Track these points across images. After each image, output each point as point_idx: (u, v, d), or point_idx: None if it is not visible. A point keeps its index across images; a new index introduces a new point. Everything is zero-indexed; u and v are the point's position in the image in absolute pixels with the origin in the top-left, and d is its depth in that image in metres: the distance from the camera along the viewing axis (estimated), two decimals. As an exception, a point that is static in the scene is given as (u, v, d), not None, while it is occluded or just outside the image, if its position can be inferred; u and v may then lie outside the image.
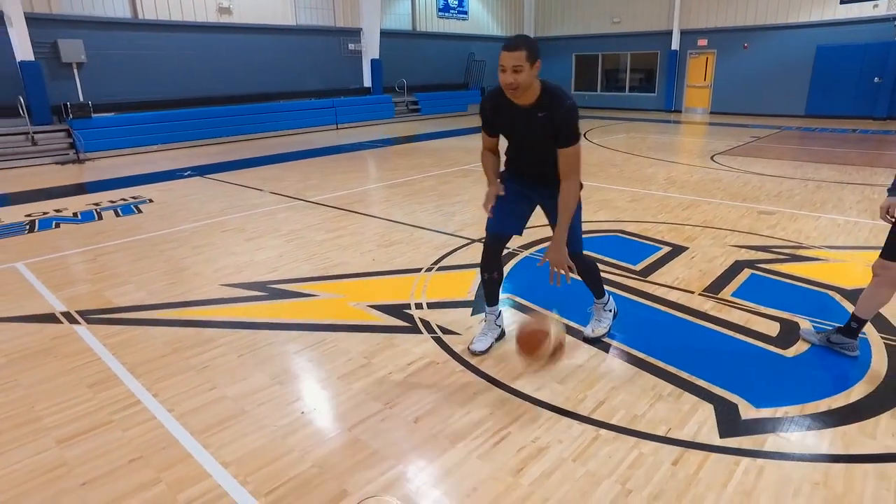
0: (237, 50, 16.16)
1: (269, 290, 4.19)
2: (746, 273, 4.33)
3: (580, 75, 22.72)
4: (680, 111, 20.07)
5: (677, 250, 4.83)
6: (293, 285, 4.27)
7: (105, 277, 4.58)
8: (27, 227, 6.40)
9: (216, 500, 2.09)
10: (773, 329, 3.41)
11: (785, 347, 3.20)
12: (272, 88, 16.78)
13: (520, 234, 3.11)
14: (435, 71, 21.03)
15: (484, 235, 3.09)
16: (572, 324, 3.48)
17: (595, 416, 2.55)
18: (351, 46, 18.43)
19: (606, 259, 4.62)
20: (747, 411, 2.60)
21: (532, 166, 2.87)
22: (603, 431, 2.44)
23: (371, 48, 18.37)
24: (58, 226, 6.42)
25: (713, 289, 4.02)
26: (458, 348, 3.19)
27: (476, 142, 3.15)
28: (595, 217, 5.98)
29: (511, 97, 2.59)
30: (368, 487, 2.14)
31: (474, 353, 3.08)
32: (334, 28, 18.17)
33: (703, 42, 19.10)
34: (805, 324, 3.46)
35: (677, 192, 7.11)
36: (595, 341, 3.25)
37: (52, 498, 2.14)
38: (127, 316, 3.82)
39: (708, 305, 3.75)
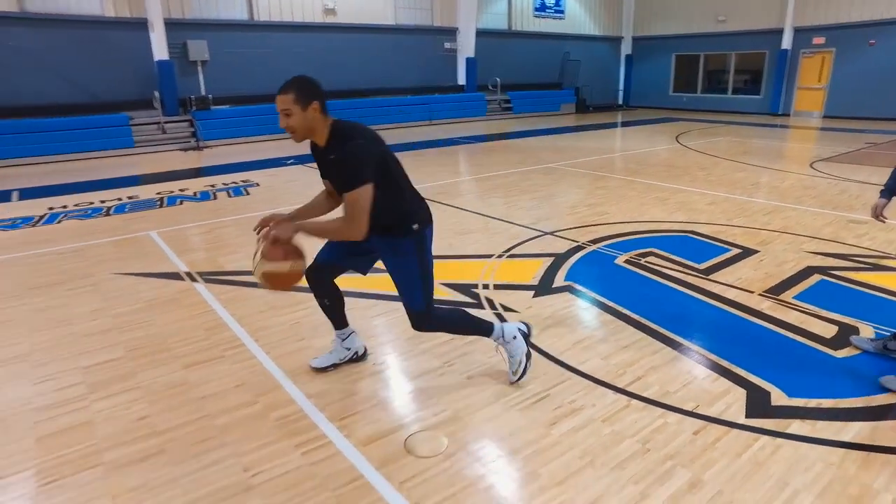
0: (340, 48, 17.17)
1: (355, 266, 4.73)
2: (816, 278, 4.34)
3: (679, 76, 22.06)
4: (788, 115, 19.00)
5: (747, 253, 4.89)
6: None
7: (218, 247, 5.34)
8: (158, 202, 7.44)
9: (300, 419, 2.60)
10: (828, 331, 3.48)
11: (836, 349, 3.27)
12: (371, 85, 17.66)
13: (356, 269, 2.89)
14: (528, 70, 21.16)
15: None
16: (654, 325, 3.71)
17: (629, 389, 2.82)
18: (447, 45, 19.00)
19: (671, 256, 4.77)
20: (779, 399, 2.76)
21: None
22: (634, 402, 2.71)
23: (466, 47, 18.83)
24: (181, 203, 7.39)
25: (775, 290, 4.09)
26: (514, 324, 3.54)
27: (565, 141, 3.47)
28: (670, 217, 6.07)
29: (295, 141, 2.48)
30: (422, 424, 2.56)
31: (312, 368, 3.02)
32: (432, 27, 18.81)
33: (819, 40, 17.95)
34: (867, 330, 3.48)
35: (762, 198, 7.00)
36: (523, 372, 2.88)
37: (178, 405, 2.74)
38: (234, 278, 4.49)
39: (765, 305, 3.85)
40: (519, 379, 2.85)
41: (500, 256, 4.86)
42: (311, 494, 2.14)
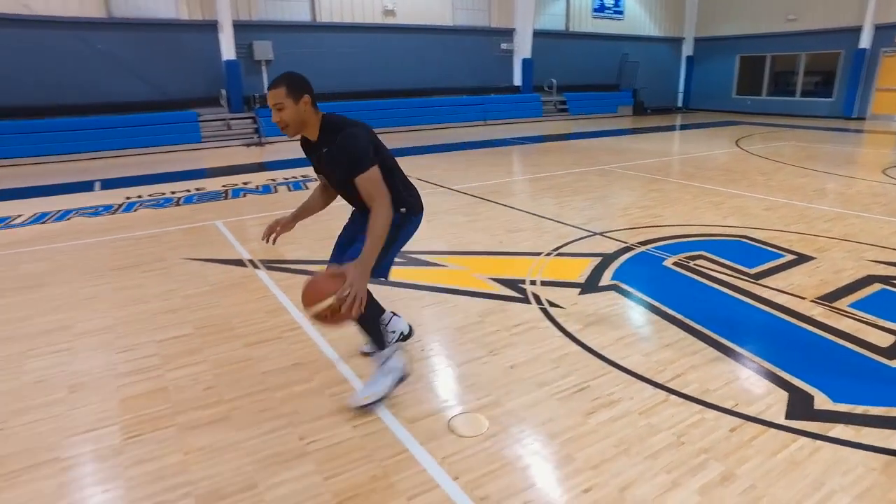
0: (398, 49, 17.52)
1: (407, 258, 4.91)
2: (876, 287, 4.23)
3: (743, 78, 21.38)
4: (863, 118, 18.11)
5: (801, 259, 4.79)
6: (427, 256, 4.96)
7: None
8: (223, 194, 7.89)
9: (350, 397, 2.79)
10: (884, 341, 3.41)
11: (891, 358, 3.21)
12: (427, 85, 17.93)
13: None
14: (586, 71, 20.98)
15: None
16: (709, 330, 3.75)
17: (669, 385, 2.87)
18: (503, 46, 19.07)
19: (721, 260, 4.74)
20: (823, 403, 2.76)
21: (352, 203, 2.75)
22: (672, 397, 2.77)
23: (523, 48, 18.86)
24: (244, 195, 7.81)
25: (829, 298, 4.02)
26: (560, 319, 3.63)
27: (621, 143, 3.54)
28: (723, 221, 5.99)
29: (288, 136, 2.52)
30: (465, 406, 2.70)
31: (362, 353, 3.16)
32: (488, 28, 18.93)
33: (904, 37, 17.00)
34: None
35: (824, 204, 6.79)
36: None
37: (241, 378, 2.99)
38: (294, 266, 4.77)
39: (817, 311, 3.79)
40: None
41: (548, 254, 4.95)
42: (360, 463, 2.32)
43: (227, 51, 14.71)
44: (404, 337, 3.24)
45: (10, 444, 2.53)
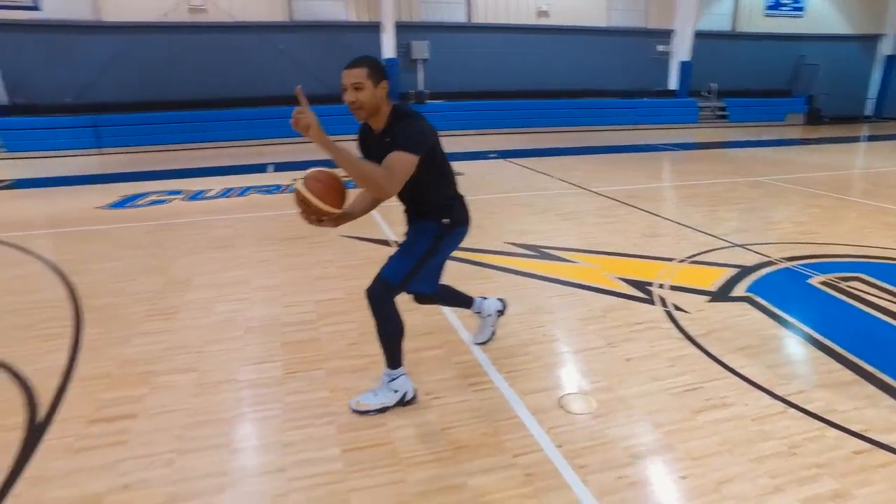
0: (550, 49, 17.60)
1: (540, 252, 5.14)
2: None
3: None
4: None
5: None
6: (560, 252, 5.14)
7: (423, 224, 6.13)
8: (376, 182, 8.63)
9: (474, 366, 3.12)
10: None
11: None
12: (577, 86, 17.81)
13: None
14: (751, 75, 19.48)
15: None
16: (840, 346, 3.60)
17: (790, 398, 2.81)
18: (659, 48, 18.35)
19: (882, 284, 4.36)
20: (973, 441, 2.56)
21: (406, 202, 2.71)
22: (792, 410, 2.72)
23: (681, 50, 18.01)
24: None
25: None
26: (683, 322, 3.65)
27: (784, 154, 3.49)
28: (879, 242, 5.46)
29: (358, 119, 2.44)
30: (577, 387, 2.89)
31: (476, 345, 3.32)
32: (644, 29, 18.32)
33: None
34: None
35: None
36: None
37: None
38: (434, 251, 5.19)
39: None
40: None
41: (682, 261, 4.89)
42: (475, 421, 2.62)
43: (388, 50, 15.81)
44: (500, 312, 3.38)
45: (205, 363, 3.20)
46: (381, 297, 2.58)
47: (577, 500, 2.12)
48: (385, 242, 5.47)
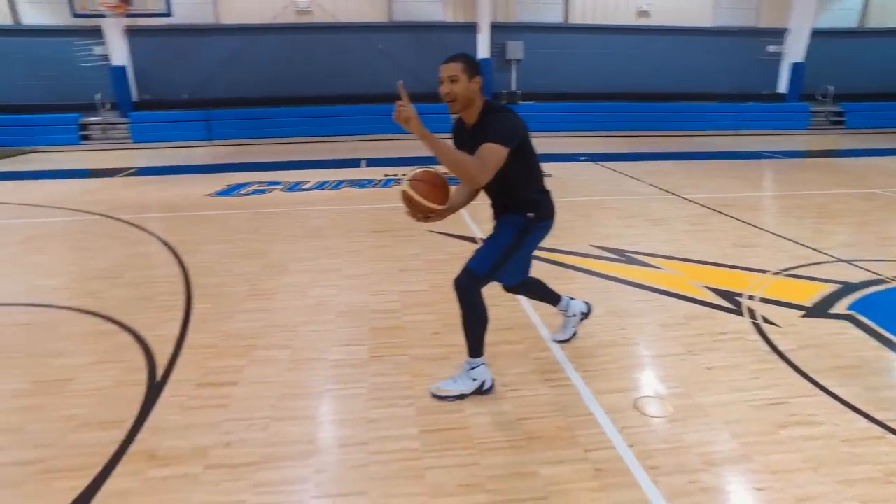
0: (649, 50, 17.08)
1: (625, 257, 5.08)
2: None
3: None
4: None
5: None
6: (645, 257, 5.07)
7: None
8: (464, 180, 8.80)
9: (552, 363, 3.19)
10: None
11: None
12: (676, 89, 17.18)
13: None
14: (879, 77, 17.80)
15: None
16: None
17: (891, 424, 2.66)
18: (769, 49, 17.28)
19: None
20: None
21: (494, 197, 2.79)
22: (892, 437, 2.58)
23: (795, 50, 16.87)
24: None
25: None
26: (772, 336, 3.51)
27: None
28: None
29: (451, 111, 2.56)
30: (654, 391, 2.88)
31: (556, 342, 3.39)
32: (754, 29, 17.33)
33: None
34: None
35: None
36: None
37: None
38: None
39: None
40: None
41: (776, 273, 4.68)
42: (550, 414, 2.69)
43: (483, 50, 15.96)
44: (584, 315, 3.43)
45: (299, 341, 3.48)
46: (467, 287, 2.69)
47: (646, 499, 2.15)
48: (471, 239, 5.61)
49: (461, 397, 2.82)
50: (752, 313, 3.86)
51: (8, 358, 3.39)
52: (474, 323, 2.76)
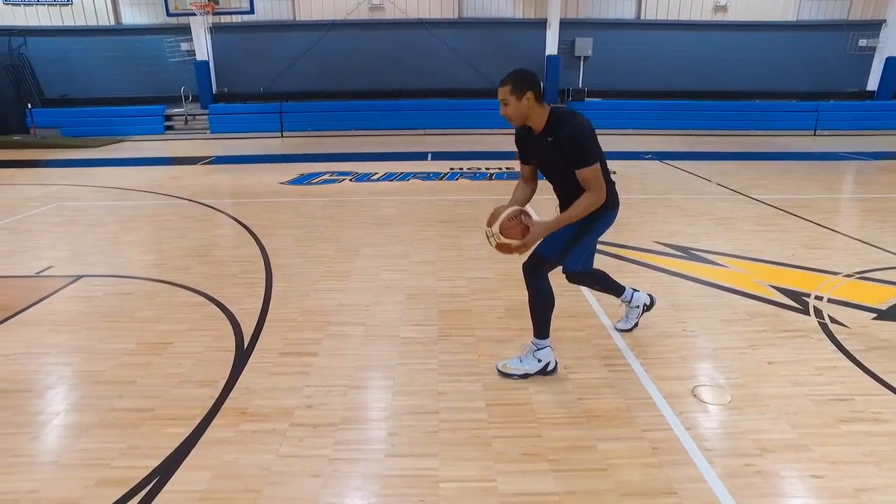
0: (725, 47, 16.54)
1: (689, 254, 5.10)
2: None
3: None
4: None
5: None
6: (709, 255, 5.06)
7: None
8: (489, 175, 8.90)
9: (613, 349, 3.32)
10: None
11: None
12: (753, 87, 16.59)
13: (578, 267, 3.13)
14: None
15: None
16: None
17: (957, 424, 2.64)
18: (862, 42, 16.35)
19: None
20: None
21: (560, 195, 2.91)
22: (958, 437, 2.56)
23: (890, 44, 15.85)
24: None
25: None
26: (839, 336, 3.49)
27: None
28: None
29: (512, 125, 2.77)
30: (713, 380, 2.96)
31: (619, 331, 3.50)
32: (844, 22, 16.46)
33: None
34: None
35: None
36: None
37: (526, 316, 3.67)
38: (580, 243, 5.36)
39: None
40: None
41: (848, 275, 4.59)
42: (609, 395, 2.82)
43: (551, 46, 15.93)
44: (647, 307, 3.53)
45: (372, 319, 3.75)
46: (535, 270, 2.89)
47: (700, 476, 2.25)
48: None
49: (525, 376, 2.99)
50: (819, 313, 3.84)
51: (118, 322, 3.81)
52: (541, 304, 2.93)
